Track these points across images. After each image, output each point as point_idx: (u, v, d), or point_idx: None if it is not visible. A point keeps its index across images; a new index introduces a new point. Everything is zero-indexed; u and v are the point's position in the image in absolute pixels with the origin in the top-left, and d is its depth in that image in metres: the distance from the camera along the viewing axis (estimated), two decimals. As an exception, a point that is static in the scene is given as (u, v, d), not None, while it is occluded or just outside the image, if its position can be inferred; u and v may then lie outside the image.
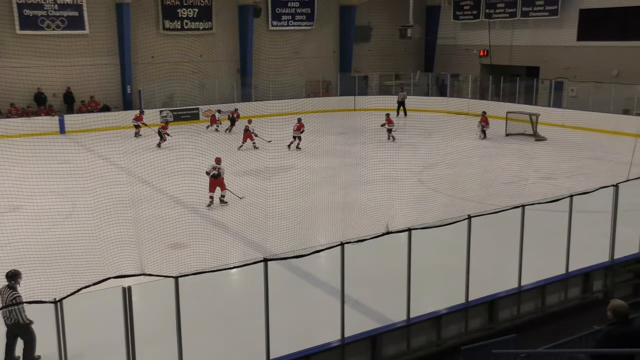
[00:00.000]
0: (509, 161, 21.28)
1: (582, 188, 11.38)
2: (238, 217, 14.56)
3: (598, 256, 10.80)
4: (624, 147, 15.09)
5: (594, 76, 28.63)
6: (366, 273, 11.11)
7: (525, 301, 9.91)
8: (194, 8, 31.39)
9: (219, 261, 9.49)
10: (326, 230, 13.93)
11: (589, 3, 29.98)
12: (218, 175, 16.04)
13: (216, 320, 9.94)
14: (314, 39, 35.21)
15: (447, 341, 9.04)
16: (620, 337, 5.66)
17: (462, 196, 16.16)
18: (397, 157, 19.03)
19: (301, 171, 18.84)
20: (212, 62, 32.03)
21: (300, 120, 23.91)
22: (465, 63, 35.93)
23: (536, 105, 29.90)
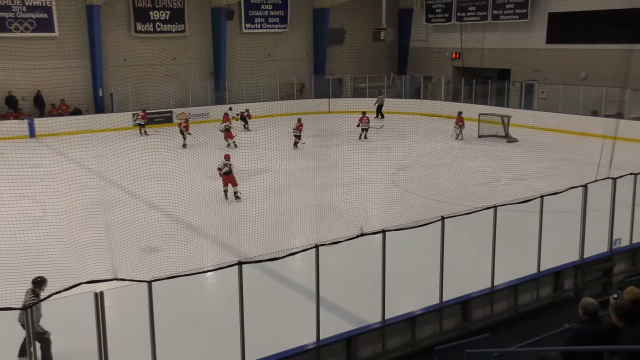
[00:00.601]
0: (481, 162, 21.53)
1: (553, 189, 11.57)
2: (212, 220, 14.47)
3: (568, 255, 10.97)
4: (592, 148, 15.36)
5: (563, 78, 29.17)
6: (341, 275, 11.14)
7: (498, 301, 10.03)
8: (166, 10, 31.15)
9: (194, 265, 9.42)
10: (301, 233, 13.93)
11: (558, 7, 30.51)
12: (229, 172, 16.78)
13: (191, 324, 9.86)
14: (288, 41, 35.21)
15: (422, 342, 9.11)
16: (590, 334, 5.77)
17: (436, 197, 16.31)
18: (371, 159, 19.11)
19: (276, 174, 18.82)
20: (185, 65, 31.83)
21: (300, 120, 24.72)
22: (438, 65, 36.28)
23: (508, 107, 30.34)
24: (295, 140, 24.47)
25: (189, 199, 15.71)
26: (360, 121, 26.24)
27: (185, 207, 15.25)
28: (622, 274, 11.29)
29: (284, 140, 23.50)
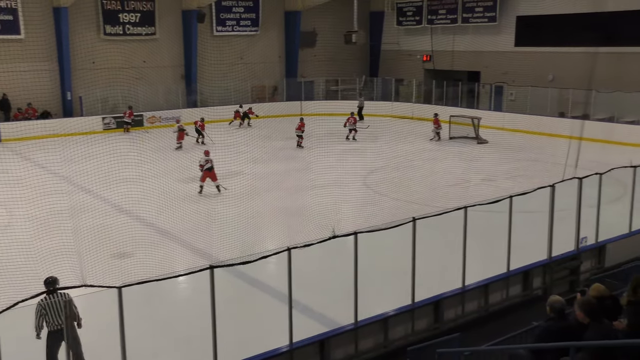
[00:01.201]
0: (452, 164, 21.76)
1: (522, 189, 11.75)
2: (183, 225, 14.36)
3: (537, 254, 11.15)
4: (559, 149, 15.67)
5: (531, 81, 29.66)
6: (314, 277, 11.15)
7: (469, 300, 10.14)
8: (136, 13, 30.81)
9: (165, 269, 9.33)
10: (273, 236, 13.91)
11: (525, 10, 31.03)
12: (212, 168, 17.52)
13: (162, 329, 9.77)
14: (259, 44, 35.16)
15: (394, 342, 9.16)
16: (557, 331, 5.88)
17: (408, 199, 16.43)
18: (343, 162, 19.20)
19: (248, 177, 18.75)
20: (156, 68, 31.55)
21: (302, 120, 25.32)
22: (409, 68, 36.57)
23: (478, 109, 30.75)
24: (299, 140, 24.87)
25: (159, 203, 15.57)
26: (347, 121, 26.56)
27: (156, 211, 15.11)
28: (589, 271, 11.51)
29: (256, 143, 23.43)
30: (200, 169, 17.84)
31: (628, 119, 26.01)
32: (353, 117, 27.03)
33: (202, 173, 17.78)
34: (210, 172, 17.66)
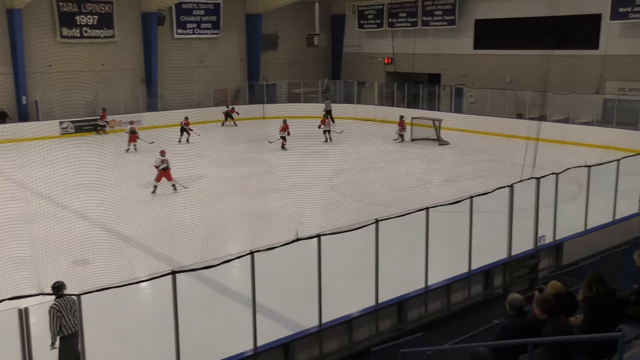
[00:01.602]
0: (414, 165, 22.00)
1: (482, 189, 11.93)
2: (145, 230, 14.16)
3: (497, 253, 11.36)
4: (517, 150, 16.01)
5: (490, 83, 30.23)
6: (278, 281, 11.12)
7: (432, 300, 10.26)
8: (94, 15, 30.25)
9: (126, 276, 9.18)
10: (237, 240, 13.83)
11: (483, 14, 31.62)
12: (167, 168, 17.92)
13: (124, 337, 9.61)
14: (221, 47, 34.94)
15: (359, 344, 9.21)
16: (516, 328, 6.01)
17: (371, 201, 16.54)
18: (307, 164, 19.22)
19: (211, 181, 18.61)
20: (116, 71, 31.04)
21: (285, 122, 25.33)
22: (371, 70, 36.86)
23: (439, 111, 31.17)
24: (282, 142, 24.93)
25: (120, 208, 15.33)
26: (322, 123, 26.59)
27: (117, 217, 14.86)
28: (547, 269, 11.77)
29: (218, 147, 23.28)
30: (157, 169, 18.07)
31: (582, 120, 26.73)
32: (327, 119, 27.19)
33: (157, 173, 18.05)
34: (166, 171, 18.02)
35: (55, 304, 7.78)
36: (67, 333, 7.82)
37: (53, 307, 7.77)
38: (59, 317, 7.76)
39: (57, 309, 7.77)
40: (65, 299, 7.86)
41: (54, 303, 7.79)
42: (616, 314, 6.25)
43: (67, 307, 7.83)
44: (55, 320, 7.75)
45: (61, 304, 7.80)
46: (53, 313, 7.75)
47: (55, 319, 7.75)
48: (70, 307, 7.82)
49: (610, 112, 26.29)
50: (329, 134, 26.79)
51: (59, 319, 7.76)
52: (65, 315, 7.79)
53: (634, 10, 25.28)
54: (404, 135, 27.14)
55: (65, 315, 7.79)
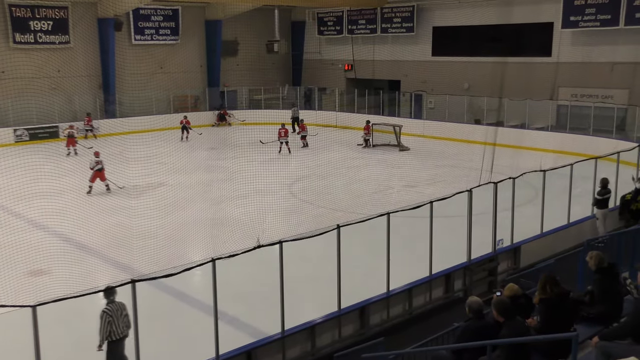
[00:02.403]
0: (375, 171, 22.17)
1: (442, 194, 12.12)
2: (105, 239, 13.91)
3: (457, 257, 11.54)
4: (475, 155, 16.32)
5: (448, 89, 30.78)
6: (240, 288, 11.07)
7: (394, 305, 10.34)
8: (48, 21, 29.58)
9: (85, 286, 8.98)
10: (198, 247, 13.70)
11: (440, 21, 32.21)
12: (101, 169, 18.58)
13: (82, 348, 9.40)
14: (180, 53, 34.61)
15: (321, 350, 9.22)
16: (475, 331, 6.12)
17: (332, 207, 16.60)
18: (268, 171, 19.17)
19: (171, 188, 18.41)
20: (72, 78, 30.40)
21: (284, 126, 26.08)
22: (332, 77, 37.05)
23: (399, 117, 31.54)
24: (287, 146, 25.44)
25: (78, 216, 15.00)
26: (301, 129, 26.46)
27: (75, 226, 14.53)
28: (505, 272, 12.01)
29: (179, 154, 23.04)
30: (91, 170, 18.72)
31: (537, 125, 27.47)
32: (303, 125, 27.06)
33: (92, 174, 18.69)
34: (100, 172, 18.68)
35: (107, 309, 7.85)
36: (115, 338, 7.88)
37: (105, 311, 7.85)
38: (109, 322, 7.82)
39: (109, 314, 7.83)
40: (117, 304, 7.92)
41: (106, 308, 7.87)
42: (571, 314, 6.44)
43: (118, 312, 7.90)
44: (106, 325, 7.81)
45: (113, 309, 7.86)
46: (105, 318, 7.82)
47: (105, 324, 7.81)
48: (121, 313, 7.91)
49: (564, 118, 27.10)
50: (305, 139, 26.65)
51: (110, 324, 7.82)
52: (115, 321, 7.86)
53: (583, 19, 26.13)
54: (369, 141, 27.33)
55: (116, 320, 7.87)
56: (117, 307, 7.93)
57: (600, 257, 6.91)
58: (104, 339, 7.86)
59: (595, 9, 25.69)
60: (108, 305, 7.93)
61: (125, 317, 7.98)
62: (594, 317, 6.75)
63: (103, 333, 7.84)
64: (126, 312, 7.99)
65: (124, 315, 7.97)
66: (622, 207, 14.36)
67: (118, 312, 7.91)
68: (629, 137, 23.29)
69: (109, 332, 7.85)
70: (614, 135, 24.42)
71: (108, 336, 7.86)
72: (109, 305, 7.92)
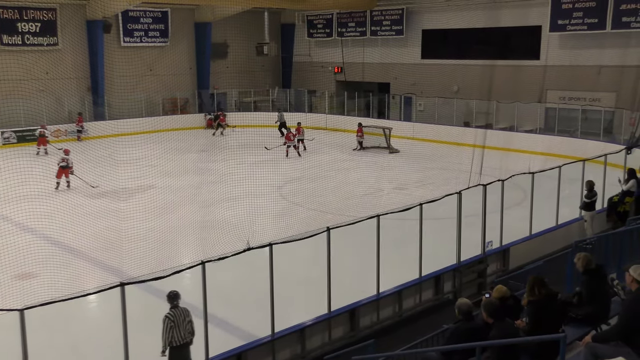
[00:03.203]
0: (365, 173, 22.22)
1: (431, 196, 12.17)
2: (94, 242, 13.82)
3: (447, 259, 11.59)
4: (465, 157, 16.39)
5: (438, 92, 30.90)
6: (230, 291, 11.05)
7: (383, 307, 10.37)
8: (36, 22, 29.40)
9: (73, 289, 8.93)
10: (188, 250, 13.66)
11: (430, 24, 32.32)
12: (66, 167, 19.27)
13: (71, 352, 9.36)
14: (170, 55, 34.50)
15: (311, 352, 9.23)
16: (465, 332, 6.15)
17: (322, 209, 16.61)
18: (258, 173, 19.14)
19: (161, 191, 18.35)
20: (60, 80, 30.20)
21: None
22: (321, 79, 37.07)
23: (388, 120, 31.63)
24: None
25: (67, 219, 14.90)
26: (297, 132, 26.37)
27: (63, 229, 14.44)
28: (494, 274, 12.08)
29: (168, 156, 22.95)
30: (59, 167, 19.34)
31: (526, 128, 27.63)
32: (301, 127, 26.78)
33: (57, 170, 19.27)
34: (65, 169, 19.30)
35: (170, 314, 7.82)
36: (177, 344, 7.83)
37: (168, 317, 7.81)
38: (172, 327, 7.77)
39: (171, 319, 7.79)
40: (180, 310, 7.88)
41: (168, 313, 7.83)
42: (559, 316, 6.47)
43: (180, 318, 7.85)
44: (168, 330, 7.76)
45: (176, 315, 7.82)
46: (167, 323, 7.77)
47: (168, 329, 7.77)
48: (184, 318, 7.87)
49: (552, 121, 27.28)
50: (303, 142, 26.47)
51: (172, 329, 7.77)
52: (178, 327, 7.80)
53: (571, 22, 26.34)
54: (362, 142, 27.38)
55: (179, 326, 7.81)
56: (180, 313, 7.86)
57: (588, 259, 6.96)
58: (166, 344, 7.82)
59: (583, 12, 25.90)
60: (171, 310, 7.87)
61: (189, 323, 7.92)
62: (582, 318, 6.79)
63: (165, 338, 7.80)
64: (190, 318, 7.94)
65: (188, 322, 7.92)
66: (610, 209, 14.49)
67: (181, 318, 7.85)
68: (616, 140, 23.47)
69: (170, 337, 7.79)
70: (602, 137, 24.61)
71: (170, 342, 7.80)
72: (172, 310, 7.86)
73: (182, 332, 7.85)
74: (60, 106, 30.05)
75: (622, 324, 5.64)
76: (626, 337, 5.52)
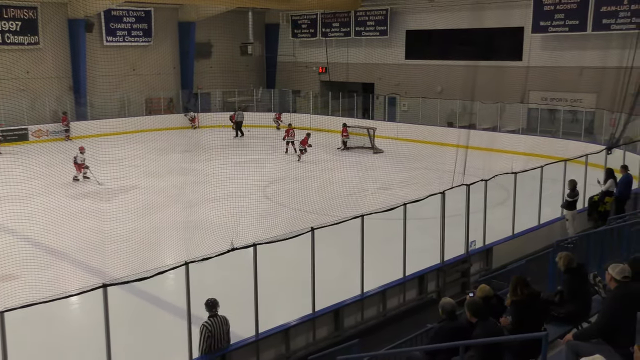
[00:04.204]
0: (349, 173, 22.24)
1: (415, 196, 12.20)
2: (75, 243, 13.68)
3: (431, 259, 11.64)
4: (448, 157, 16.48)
5: (422, 92, 31.03)
6: (214, 291, 10.97)
7: (368, 307, 10.39)
8: (17, 21, 29.03)
9: (55, 291, 8.84)
10: (171, 251, 13.58)
11: (414, 25, 32.45)
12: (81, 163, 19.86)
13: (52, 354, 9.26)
14: (153, 55, 34.26)
15: (296, 352, 9.22)
16: (448, 331, 6.19)
17: (306, 209, 16.59)
18: (242, 173, 19.08)
19: (144, 191, 18.22)
20: (41, 79, 29.86)
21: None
22: (306, 79, 37.05)
23: (373, 120, 31.70)
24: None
25: (48, 220, 14.73)
26: (286, 134, 26.41)
27: (45, 230, 14.28)
28: (478, 273, 12.16)
29: (151, 156, 22.80)
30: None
31: (509, 128, 27.85)
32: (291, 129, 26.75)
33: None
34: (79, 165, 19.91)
35: (207, 323, 7.73)
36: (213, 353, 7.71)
37: (205, 326, 7.71)
38: (209, 336, 7.68)
39: (209, 329, 7.69)
40: (220, 318, 7.79)
41: (206, 321, 7.75)
42: (542, 315, 6.54)
43: (219, 327, 7.76)
44: (205, 339, 7.68)
45: (214, 324, 7.72)
46: (204, 332, 7.68)
47: (205, 338, 7.68)
48: (222, 328, 7.77)
49: (534, 121, 27.54)
50: (293, 145, 26.25)
51: (209, 338, 7.69)
52: (214, 336, 7.72)
53: (553, 24, 26.60)
54: (347, 143, 27.42)
55: (217, 335, 7.73)
56: (218, 322, 7.78)
57: (570, 258, 7.03)
58: (202, 353, 7.73)
59: (564, 14, 26.17)
60: (209, 318, 7.78)
61: (227, 333, 7.85)
62: (563, 316, 6.86)
63: (202, 347, 7.71)
64: (228, 326, 7.86)
65: (226, 332, 7.85)
66: (591, 208, 14.66)
67: (220, 328, 7.78)
68: (597, 140, 23.75)
69: (208, 347, 7.71)
70: (583, 138, 24.89)
71: (208, 351, 7.73)
72: (210, 319, 7.77)
73: (220, 342, 7.82)
74: (41, 106, 29.71)
75: (602, 322, 5.71)
76: (606, 334, 5.58)
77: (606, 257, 9.20)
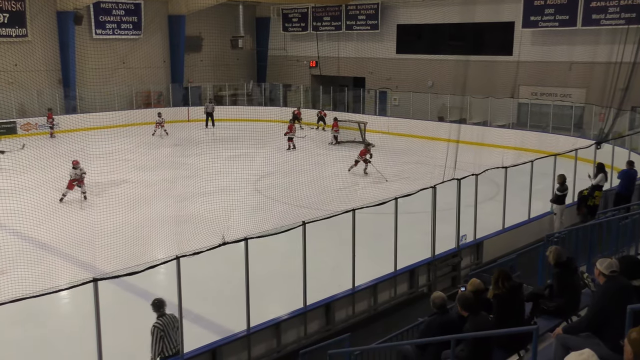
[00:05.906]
0: (341, 167, 22.23)
1: (406, 190, 12.23)
2: (65, 237, 13.60)
3: (422, 253, 11.68)
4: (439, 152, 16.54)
5: (413, 86, 31.07)
6: (205, 286, 10.99)
7: (359, 301, 10.42)
8: (4, 13, 28.71)
9: (45, 285, 8.79)
10: (163, 245, 13.53)
11: (405, 19, 32.46)
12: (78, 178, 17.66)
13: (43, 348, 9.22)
14: (143, 48, 34.06)
15: (287, 346, 9.24)
16: (439, 325, 6.22)
17: (298, 203, 16.59)
18: (233, 168, 19.05)
19: (134, 185, 18.14)
20: (30, 72, 29.60)
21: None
22: (297, 73, 36.97)
23: (364, 114, 31.69)
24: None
25: (38, 215, 14.63)
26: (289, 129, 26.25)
27: (34, 224, 14.18)
28: (468, 267, 12.22)
29: (141, 150, 22.70)
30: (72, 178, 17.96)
31: (499, 123, 27.96)
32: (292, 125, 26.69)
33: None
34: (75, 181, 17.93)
35: (158, 323, 7.52)
36: (168, 354, 7.59)
37: (156, 326, 7.50)
38: (162, 337, 7.50)
39: (160, 328, 7.50)
40: (168, 317, 7.62)
41: (156, 322, 7.53)
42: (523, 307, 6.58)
43: (170, 326, 7.60)
44: (158, 340, 7.48)
45: (164, 323, 7.55)
46: (156, 333, 7.48)
47: (158, 339, 7.48)
48: (173, 326, 7.60)
49: (525, 116, 27.66)
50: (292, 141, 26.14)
51: (162, 339, 7.50)
52: (168, 335, 7.56)
53: (543, 19, 26.68)
54: (338, 137, 27.42)
55: (169, 335, 7.57)
56: (168, 321, 7.65)
57: (559, 252, 7.07)
58: (156, 355, 7.57)
59: (554, 9, 26.25)
60: (159, 319, 7.60)
61: (177, 330, 7.69)
62: (553, 310, 6.91)
63: (155, 349, 7.54)
64: (178, 324, 7.71)
65: (176, 329, 7.69)
66: (580, 202, 14.75)
67: (170, 326, 7.63)
68: (586, 135, 23.89)
69: (162, 347, 7.54)
70: (572, 132, 25.05)
71: (160, 352, 7.57)
72: (160, 319, 7.60)
73: (173, 341, 7.68)
74: (30, 99, 29.47)
75: (591, 316, 5.75)
76: (595, 328, 5.63)
77: (595, 251, 9.27)
